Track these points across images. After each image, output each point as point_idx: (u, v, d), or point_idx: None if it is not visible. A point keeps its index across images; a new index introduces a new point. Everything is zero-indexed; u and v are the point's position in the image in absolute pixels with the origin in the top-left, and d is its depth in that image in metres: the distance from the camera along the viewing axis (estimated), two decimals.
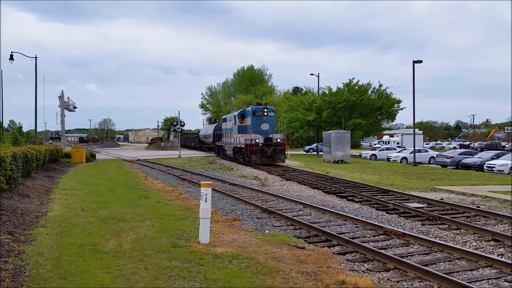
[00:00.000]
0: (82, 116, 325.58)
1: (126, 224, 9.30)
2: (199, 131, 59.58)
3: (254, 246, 7.71)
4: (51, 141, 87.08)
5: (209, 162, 33.01)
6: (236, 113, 31.32)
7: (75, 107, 55.99)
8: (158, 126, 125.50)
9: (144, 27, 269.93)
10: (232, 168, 27.04)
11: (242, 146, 28.12)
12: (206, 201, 7.71)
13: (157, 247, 7.34)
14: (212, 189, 14.97)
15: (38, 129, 46.65)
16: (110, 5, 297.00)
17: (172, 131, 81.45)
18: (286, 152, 29.06)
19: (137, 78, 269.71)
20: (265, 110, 28.56)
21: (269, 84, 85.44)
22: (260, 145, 27.27)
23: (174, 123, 44.98)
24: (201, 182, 8.12)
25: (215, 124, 44.51)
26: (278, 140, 28.06)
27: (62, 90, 45.69)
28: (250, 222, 10.21)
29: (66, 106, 47.93)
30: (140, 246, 7.45)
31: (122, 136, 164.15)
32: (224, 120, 36.53)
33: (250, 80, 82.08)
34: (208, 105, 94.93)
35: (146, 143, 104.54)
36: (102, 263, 6.41)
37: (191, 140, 64.46)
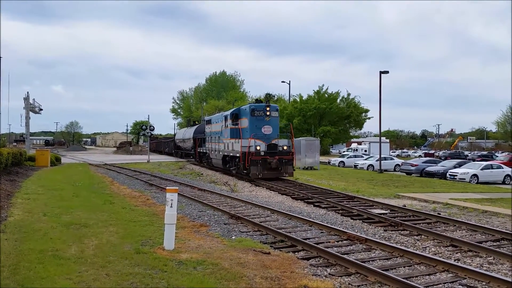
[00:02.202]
0: (49, 119, 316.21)
1: (89, 230, 9.12)
2: (174, 135, 54.34)
3: (220, 252, 7.73)
4: (15, 143, 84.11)
5: (179, 168, 32.71)
6: (227, 112, 25.30)
7: (41, 109, 54.34)
8: (127, 130, 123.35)
9: (115, 30, 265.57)
10: (202, 174, 26.89)
11: (237, 155, 22.31)
12: (171, 206, 7.68)
13: (120, 254, 7.25)
14: (181, 194, 15.04)
15: (2, 131, 45.10)
16: (81, 6, 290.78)
17: (141, 135, 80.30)
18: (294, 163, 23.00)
19: (107, 81, 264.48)
20: (267, 108, 22.28)
21: (242, 90, 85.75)
22: (262, 153, 21.29)
23: (144, 127, 44.38)
24: (167, 188, 8.08)
25: (196, 126, 38.86)
26: (285, 148, 22.15)
27: (28, 92, 44.18)
28: (217, 228, 10.21)
29: (31, 108, 46.48)
30: (102, 252, 7.33)
31: (89, 139, 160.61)
32: (209, 122, 30.59)
33: (223, 86, 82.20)
34: (179, 110, 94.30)
35: (114, 147, 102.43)
36: (63, 269, 6.28)
37: (164, 145, 59.68)
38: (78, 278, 5.95)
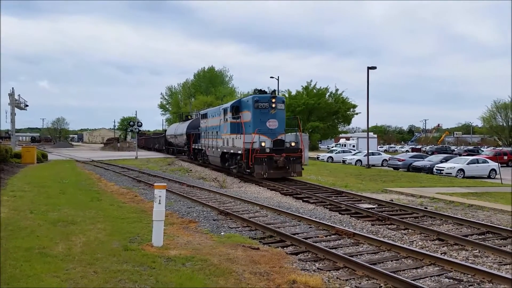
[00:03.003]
0: (35, 115, 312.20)
1: (76, 227, 9.04)
2: (165, 131, 51.15)
3: (209, 248, 7.72)
4: (0, 140, 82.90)
5: (168, 164, 32.56)
6: (227, 105, 23.15)
7: (27, 106, 53.57)
8: (114, 126, 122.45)
9: (102, 25, 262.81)
10: (191, 170, 26.80)
11: (239, 152, 20.08)
12: (160, 203, 7.64)
13: (108, 251, 7.20)
14: (169, 191, 14.98)
15: None
16: (68, 0, 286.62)
17: (129, 132, 79.68)
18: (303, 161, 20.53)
19: (94, 76, 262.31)
20: (273, 100, 20.08)
21: (230, 85, 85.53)
22: (268, 150, 19.23)
23: (131, 123, 43.98)
24: (155, 184, 8.04)
25: (189, 121, 36.38)
26: (293, 144, 20.04)
27: (13, 88, 43.51)
28: (206, 224, 10.20)
29: (16, 104, 45.75)
30: (90, 249, 7.27)
31: (76, 136, 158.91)
32: (204, 116, 28.66)
33: (211, 81, 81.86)
34: (167, 106, 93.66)
35: (101, 143, 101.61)
36: (50, 267, 6.22)
37: (154, 141, 56.96)
38: (66, 275, 5.90)
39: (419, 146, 76.68)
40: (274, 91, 21.00)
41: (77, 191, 15.20)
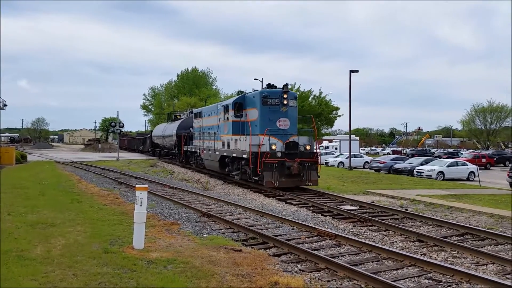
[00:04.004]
0: (14, 115, 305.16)
1: (56, 230, 8.89)
2: (151, 131, 47.33)
3: (191, 250, 7.68)
4: None
5: (150, 165, 32.25)
6: (227, 102, 20.40)
7: (5, 105, 52.47)
8: (95, 126, 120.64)
9: (84, 25, 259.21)
10: (174, 172, 26.60)
11: (244, 156, 17.47)
12: (141, 205, 7.56)
13: (88, 253, 7.10)
14: (151, 193, 14.85)
15: None
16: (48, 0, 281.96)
17: (111, 132, 78.69)
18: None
19: (75, 76, 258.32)
20: (285, 96, 17.45)
21: (214, 87, 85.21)
22: (279, 155, 16.65)
23: (113, 123, 43.44)
24: (136, 186, 7.96)
25: (180, 121, 33.41)
26: (308, 148, 17.53)
27: None
28: (188, 226, 10.14)
29: None
30: (70, 252, 7.16)
31: (56, 136, 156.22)
32: (198, 115, 26.02)
33: (195, 82, 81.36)
34: (150, 106, 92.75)
35: (82, 144, 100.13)
36: (28, 270, 6.10)
37: (139, 143, 54.00)
38: (44, 278, 5.80)
39: (400, 149, 77.79)
40: (286, 84, 17.76)
41: (57, 193, 14.95)
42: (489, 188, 21.86)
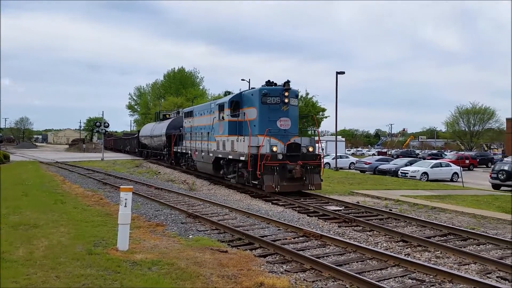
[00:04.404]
0: None
1: (39, 231, 8.76)
2: (138, 131, 45.70)
3: (176, 251, 7.64)
4: None
5: (135, 166, 31.99)
6: (223, 100, 19.24)
7: None
8: (80, 126, 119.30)
9: (69, 23, 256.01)
10: (160, 172, 26.43)
11: (241, 158, 16.36)
12: (125, 206, 7.50)
13: (72, 255, 7.00)
14: (136, 193, 14.73)
15: None
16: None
17: (95, 132, 77.82)
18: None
19: (60, 75, 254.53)
20: (286, 93, 16.41)
21: (201, 87, 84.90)
22: (280, 157, 15.61)
23: (98, 123, 42.98)
24: (121, 186, 7.89)
25: (170, 120, 32.28)
26: (310, 149, 16.66)
27: None
28: (174, 227, 10.08)
29: None
30: (53, 253, 7.06)
31: (40, 136, 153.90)
32: (189, 114, 24.85)
33: (181, 82, 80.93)
34: (136, 106, 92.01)
35: (66, 144, 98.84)
36: (9, 273, 5.99)
37: (125, 143, 52.20)
38: (26, 281, 5.70)
39: (385, 150, 78.55)
40: (288, 81, 16.54)
41: (40, 194, 14.74)
42: (472, 189, 22.23)
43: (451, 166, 31.15)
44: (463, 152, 58.54)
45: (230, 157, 17.50)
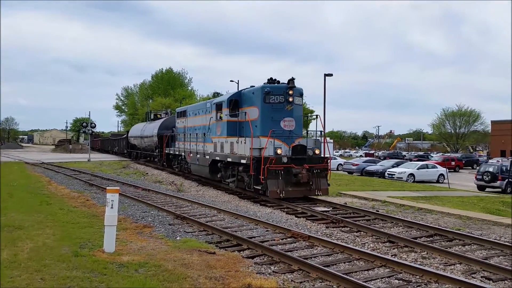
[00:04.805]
0: None
1: (23, 232, 8.63)
2: (127, 132, 44.19)
3: (164, 253, 7.59)
4: None
5: (122, 167, 31.73)
6: (221, 99, 18.19)
7: None
8: (67, 127, 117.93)
9: (56, 23, 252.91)
10: (147, 173, 26.25)
11: (243, 162, 15.29)
12: (112, 207, 7.43)
13: (57, 257, 6.92)
14: (123, 195, 14.61)
15: None
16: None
17: (82, 133, 76.99)
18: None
19: (46, 75, 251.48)
20: (290, 92, 15.36)
21: (190, 88, 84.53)
22: (285, 160, 14.49)
23: (84, 124, 42.54)
24: (107, 188, 7.82)
25: (162, 120, 31.13)
26: (317, 152, 15.57)
27: None
28: (161, 229, 10.02)
29: None
30: (38, 255, 6.96)
31: (26, 137, 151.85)
32: (182, 114, 23.79)
33: (170, 83, 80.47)
34: (123, 107, 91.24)
35: (52, 145, 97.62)
36: None
37: (113, 144, 50.84)
38: (10, 283, 5.62)
39: (372, 151, 79.13)
40: (293, 79, 15.47)
41: (26, 195, 14.54)
42: (457, 190, 22.53)
43: (437, 168, 31.52)
44: (449, 154, 59.30)
45: (229, 160, 16.48)
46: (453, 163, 45.26)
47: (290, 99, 15.33)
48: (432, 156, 55.41)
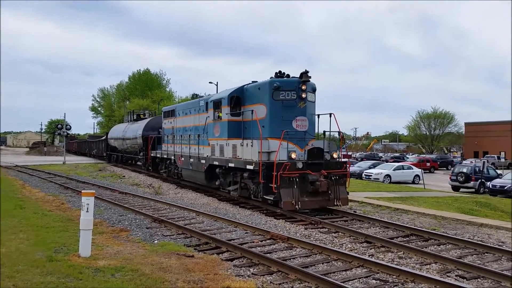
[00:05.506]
0: None
1: None
2: (107, 133, 41.00)
3: (141, 257, 7.49)
4: None
5: (99, 169, 31.19)
6: (220, 95, 16.08)
7: None
8: (41, 129, 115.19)
9: (26, 21, 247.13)
10: (124, 176, 25.87)
11: (249, 167, 13.26)
12: (87, 211, 7.28)
13: (31, 262, 6.74)
14: (99, 198, 14.36)
15: None
16: None
17: (57, 135, 75.35)
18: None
19: (18, 75, 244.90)
20: (303, 87, 13.42)
21: (168, 89, 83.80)
22: (300, 166, 12.54)
23: (59, 125, 41.66)
24: (82, 191, 7.67)
25: (147, 120, 28.83)
26: (334, 156, 13.91)
27: None
28: (138, 233, 9.88)
29: None
30: (11, 261, 6.77)
31: None
32: (170, 113, 21.76)
33: (147, 84, 79.59)
34: (99, 108, 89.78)
35: (27, 147, 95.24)
36: None
37: (91, 146, 48.47)
38: None
39: (349, 153, 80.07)
40: (306, 72, 13.46)
41: None
42: (432, 190, 22.99)
43: (412, 169, 32.13)
44: (424, 155, 60.51)
45: (231, 165, 14.44)
46: (428, 164, 46.25)
47: (303, 95, 13.40)
48: (408, 158, 56.43)
